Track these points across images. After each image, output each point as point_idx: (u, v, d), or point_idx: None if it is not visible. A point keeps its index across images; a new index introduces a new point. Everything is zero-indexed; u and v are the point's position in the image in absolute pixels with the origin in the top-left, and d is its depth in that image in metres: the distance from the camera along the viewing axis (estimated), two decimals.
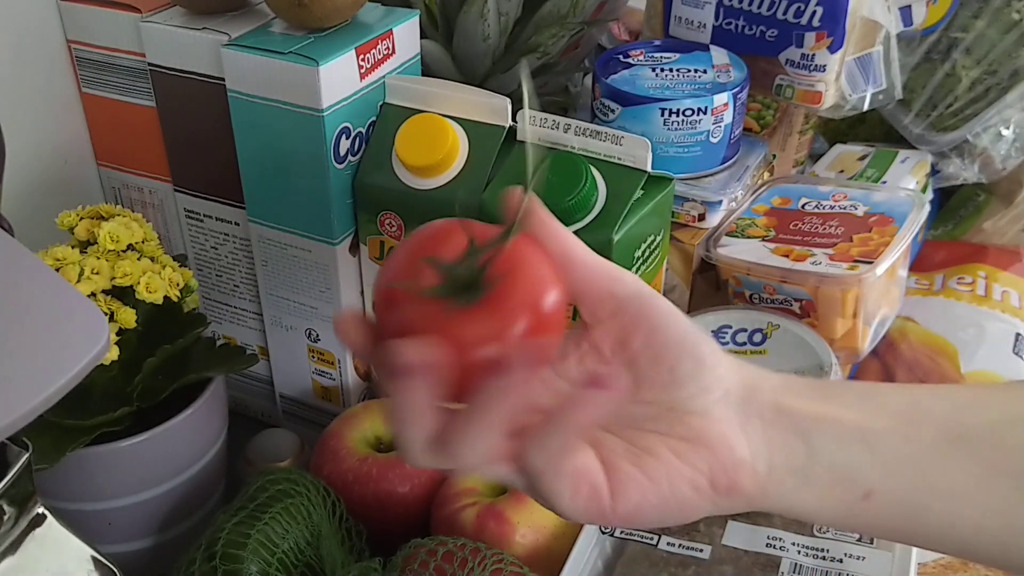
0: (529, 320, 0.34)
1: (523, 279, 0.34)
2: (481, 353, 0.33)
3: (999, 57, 0.78)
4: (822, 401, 0.38)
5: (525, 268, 0.35)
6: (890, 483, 0.36)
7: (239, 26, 0.58)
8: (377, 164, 0.60)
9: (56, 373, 0.35)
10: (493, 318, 0.34)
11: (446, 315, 0.34)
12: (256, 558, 0.51)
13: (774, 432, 0.37)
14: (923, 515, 0.37)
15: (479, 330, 0.33)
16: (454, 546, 0.52)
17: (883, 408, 0.38)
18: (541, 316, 0.34)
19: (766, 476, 0.36)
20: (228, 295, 0.68)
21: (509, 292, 0.34)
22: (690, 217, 0.69)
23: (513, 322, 0.34)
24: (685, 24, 0.77)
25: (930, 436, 0.37)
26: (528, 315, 0.34)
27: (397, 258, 0.36)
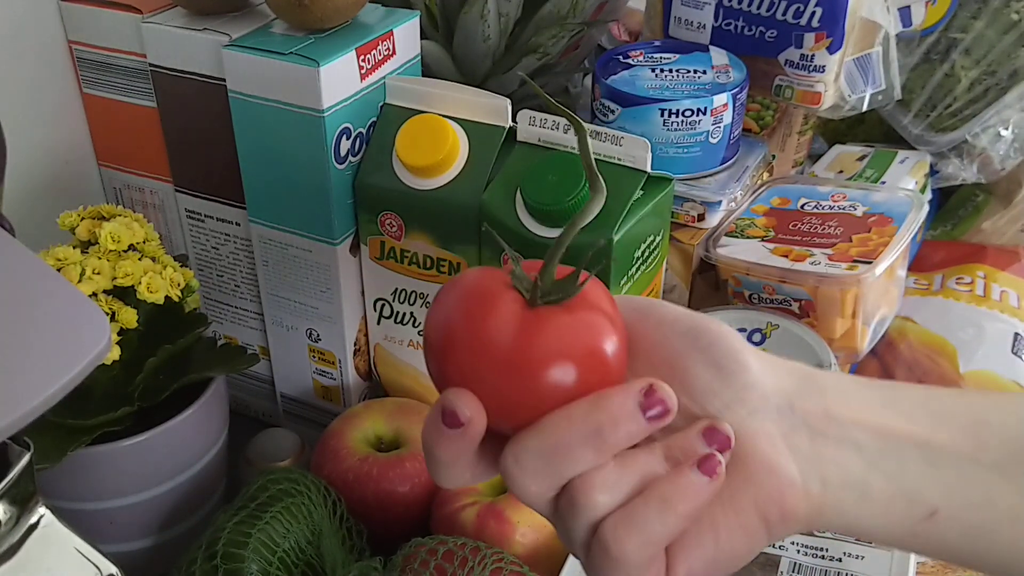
0: (613, 343, 0.32)
1: (597, 292, 0.33)
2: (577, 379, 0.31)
3: (998, 57, 0.78)
4: (879, 408, 0.34)
5: (595, 286, 0.33)
6: (955, 503, 0.33)
7: (240, 27, 0.58)
8: (377, 164, 0.60)
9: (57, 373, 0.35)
10: (581, 327, 0.32)
11: (529, 322, 0.31)
12: (257, 557, 0.51)
13: (824, 444, 0.33)
14: (990, 538, 0.34)
15: (567, 339, 0.31)
16: (454, 545, 0.52)
17: (945, 421, 0.34)
18: (623, 328, 0.33)
19: (820, 494, 0.33)
20: (229, 295, 0.68)
21: (591, 298, 0.32)
22: (690, 217, 0.69)
23: (601, 335, 0.32)
24: (685, 25, 0.77)
25: (995, 451, 0.34)
26: (613, 336, 0.32)
27: (451, 298, 0.33)
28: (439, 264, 0.61)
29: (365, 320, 0.66)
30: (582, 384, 0.32)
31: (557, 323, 0.31)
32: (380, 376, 0.68)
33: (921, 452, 0.33)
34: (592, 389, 0.32)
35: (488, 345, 0.31)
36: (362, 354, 0.67)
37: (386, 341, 0.66)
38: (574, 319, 0.32)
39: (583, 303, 0.32)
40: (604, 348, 0.32)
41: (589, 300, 0.33)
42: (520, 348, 0.31)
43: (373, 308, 0.65)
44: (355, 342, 0.66)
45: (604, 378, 0.32)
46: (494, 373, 0.31)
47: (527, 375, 0.31)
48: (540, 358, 0.31)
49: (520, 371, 0.31)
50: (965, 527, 0.34)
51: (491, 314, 0.31)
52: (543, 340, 0.31)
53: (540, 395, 0.31)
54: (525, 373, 0.31)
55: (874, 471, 0.33)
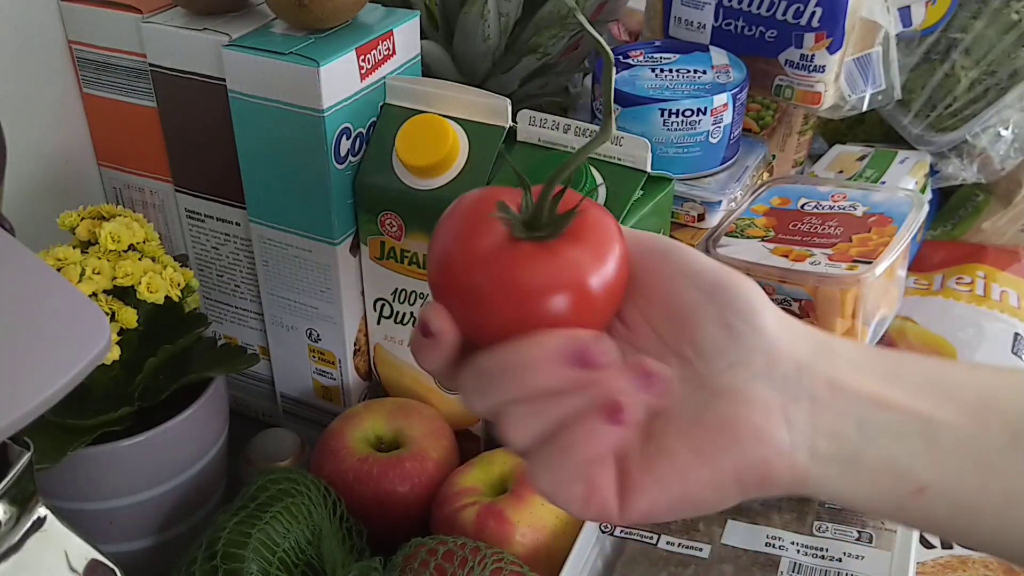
0: (604, 270, 0.33)
1: (598, 230, 0.33)
2: (552, 309, 0.32)
3: (998, 57, 0.78)
4: (887, 382, 0.34)
5: (599, 224, 0.34)
6: (945, 481, 0.33)
7: (240, 27, 0.58)
8: (377, 164, 0.60)
9: (57, 373, 0.35)
10: (573, 257, 0.32)
11: (518, 253, 0.33)
12: (257, 557, 0.51)
13: (824, 415, 0.33)
14: (976, 516, 0.34)
15: (554, 269, 0.32)
16: (454, 545, 0.52)
17: (951, 398, 0.34)
18: (612, 271, 0.33)
19: (807, 465, 0.33)
20: (229, 295, 0.68)
21: (588, 236, 0.33)
22: (690, 217, 0.69)
23: (590, 267, 0.32)
24: (685, 25, 0.77)
25: (996, 433, 0.33)
26: (602, 264, 0.33)
27: (453, 220, 0.35)
28: None
29: (365, 320, 0.66)
30: (559, 316, 0.32)
31: (529, 260, 0.32)
32: (380, 376, 0.68)
33: (921, 429, 0.33)
34: (558, 323, 0.32)
35: (460, 273, 0.33)
36: (362, 354, 0.67)
37: (386, 341, 0.66)
38: (553, 259, 0.32)
39: (575, 238, 0.33)
40: (571, 291, 0.32)
41: (583, 235, 0.33)
42: (488, 280, 0.32)
43: (373, 308, 0.65)
44: (355, 342, 0.66)
45: (574, 316, 0.33)
46: (464, 300, 0.33)
47: (492, 307, 0.33)
48: (504, 292, 0.32)
49: (484, 303, 0.33)
50: (954, 505, 0.33)
51: (473, 244, 0.33)
52: (517, 275, 0.32)
53: (502, 324, 0.33)
54: (489, 305, 0.33)
55: (869, 445, 0.33)
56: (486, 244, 0.33)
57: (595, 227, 0.34)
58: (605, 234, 0.34)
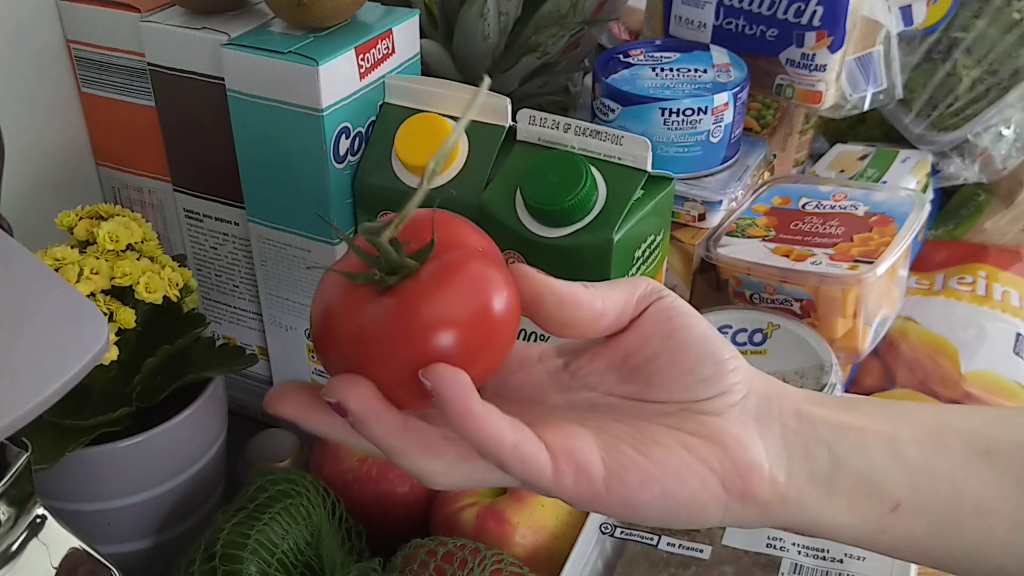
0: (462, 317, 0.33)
1: (457, 272, 0.33)
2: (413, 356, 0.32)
3: (1000, 57, 0.78)
4: (846, 411, 0.36)
5: (463, 262, 0.34)
6: (919, 496, 0.35)
7: (239, 26, 0.58)
8: (377, 164, 0.60)
9: (56, 373, 0.35)
10: (420, 307, 0.33)
11: (374, 306, 0.34)
12: (256, 558, 0.51)
13: (795, 438, 0.35)
14: (954, 531, 0.35)
15: (409, 322, 0.32)
16: (454, 546, 0.51)
17: (909, 421, 0.36)
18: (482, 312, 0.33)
19: (785, 484, 0.35)
20: (228, 295, 0.68)
21: (440, 279, 0.33)
22: (690, 217, 0.69)
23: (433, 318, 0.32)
24: (685, 24, 0.77)
25: (959, 450, 0.35)
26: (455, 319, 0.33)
27: (316, 296, 0.36)
28: None
29: None
30: (469, 345, 0.32)
31: (400, 308, 0.33)
32: None
33: (887, 445, 0.35)
34: (457, 355, 0.32)
35: (344, 340, 0.34)
36: None
37: None
38: (414, 301, 0.33)
39: (438, 269, 0.33)
40: (482, 313, 0.33)
41: (444, 262, 0.34)
42: (365, 338, 0.33)
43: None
44: None
45: (489, 329, 0.33)
46: (357, 365, 0.33)
47: (376, 366, 0.33)
48: (386, 346, 0.33)
49: (368, 362, 0.33)
50: (932, 520, 0.35)
51: (339, 311, 0.35)
52: (388, 326, 0.33)
53: (399, 379, 0.33)
54: (374, 364, 0.33)
55: (840, 466, 0.35)
56: (351, 314, 0.34)
57: (455, 240, 0.34)
58: (464, 243, 0.34)
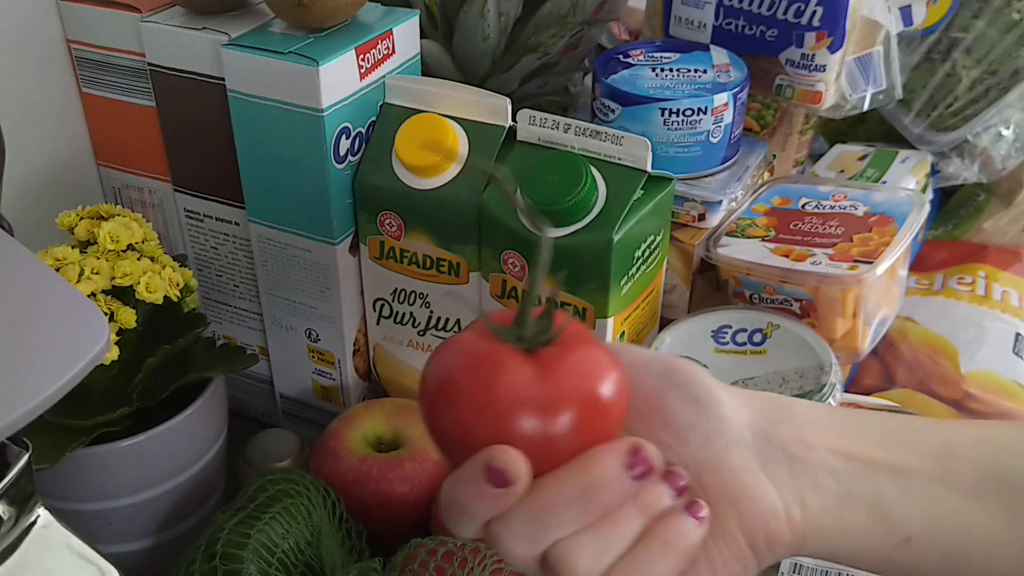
0: (618, 375, 0.32)
1: (588, 353, 0.32)
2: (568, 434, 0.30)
3: (999, 57, 0.78)
4: (852, 437, 0.35)
5: (588, 346, 0.33)
6: (928, 528, 0.34)
7: (239, 26, 0.58)
8: (377, 164, 0.60)
9: (56, 373, 0.35)
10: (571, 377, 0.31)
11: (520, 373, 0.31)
12: (256, 558, 0.51)
13: (801, 469, 0.34)
14: (963, 562, 0.35)
15: (560, 387, 0.31)
16: (454, 546, 0.52)
17: (915, 448, 0.35)
18: (613, 390, 0.32)
19: (802, 520, 0.34)
20: (228, 295, 0.68)
21: (585, 344, 0.32)
22: (690, 217, 0.69)
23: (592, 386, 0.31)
24: (685, 24, 0.77)
25: (968, 480, 0.35)
26: (616, 363, 0.32)
27: (443, 359, 0.33)
28: (439, 264, 0.61)
29: (364, 320, 0.66)
30: (607, 413, 0.32)
31: (566, 362, 0.31)
32: (379, 376, 0.68)
33: (894, 479, 0.34)
34: (615, 416, 0.32)
35: (511, 399, 0.31)
36: (361, 354, 0.67)
37: (385, 341, 0.66)
38: (579, 354, 0.32)
39: (572, 337, 0.32)
40: (617, 372, 0.32)
41: (575, 333, 0.33)
42: (546, 394, 0.31)
43: (372, 308, 0.65)
44: (354, 342, 0.66)
45: (623, 401, 0.32)
46: (523, 426, 0.30)
47: (558, 420, 0.31)
48: (569, 399, 0.31)
49: (550, 416, 0.31)
50: (941, 553, 0.35)
51: (502, 373, 0.31)
52: (565, 379, 0.31)
53: (574, 436, 0.31)
54: (555, 418, 0.31)
55: (850, 497, 0.34)
56: (515, 367, 0.31)
57: (575, 323, 0.33)
58: (581, 325, 0.34)
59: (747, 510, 0.33)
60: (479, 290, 0.61)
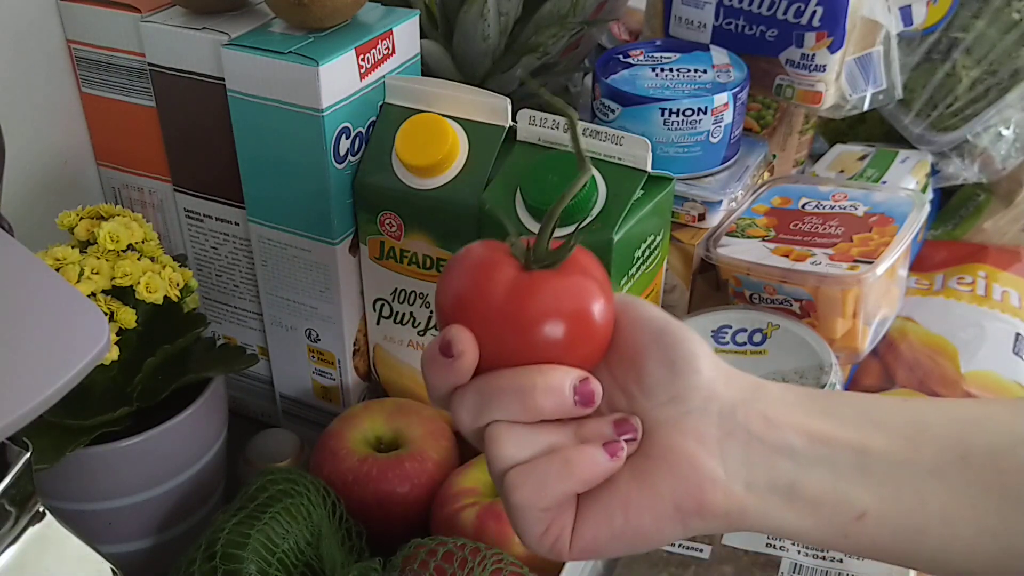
0: (607, 300, 0.36)
1: (595, 264, 0.37)
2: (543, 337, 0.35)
3: (999, 57, 0.78)
4: (819, 416, 0.36)
5: (589, 269, 0.37)
6: (884, 506, 0.35)
7: (239, 26, 0.58)
8: (377, 164, 0.60)
9: (56, 373, 0.35)
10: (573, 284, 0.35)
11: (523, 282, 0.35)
12: (256, 558, 0.51)
13: (756, 448, 0.35)
14: (918, 537, 0.35)
15: (556, 296, 0.35)
16: (454, 546, 0.51)
17: (883, 426, 0.36)
18: (606, 304, 0.36)
19: (743, 494, 0.35)
20: (228, 295, 0.68)
21: (591, 269, 0.36)
22: (690, 217, 0.69)
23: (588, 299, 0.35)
24: (685, 24, 0.77)
25: (931, 456, 0.35)
26: (600, 298, 0.36)
27: (466, 260, 0.38)
28: (439, 264, 0.61)
29: (364, 320, 0.66)
30: (569, 340, 0.35)
31: (548, 284, 0.35)
32: (379, 376, 0.68)
33: (855, 458, 0.35)
34: (578, 345, 0.35)
35: (487, 301, 0.35)
36: (361, 354, 0.67)
37: (385, 341, 0.66)
38: (565, 282, 0.36)
39: (575, 269, 0.36)
40: (591, 308, 0.36)
41: (580, 266, 0.36)
42: (514, 304, 0.35)
43: (372, 308, 0.65)
44: (354, 342, 0.66)
45: (589, 335, 0.36)
46: (491, 325, 0.35)
47: (518, 329, 0.35)
48: (531, 314, 0.35)
49: (512, 325, 0.35)
50: (896, 528, 0.35)
51: (491, 275, 0.36)
52: (535, 298, 0.35)
53: (530, 346, 0.35)
54: (516, 327, 0.35)
55: (804, 476, 0.35)
56: (504, 280, 0.36)
57: (585, 259, 0.37)
58: (595, 263, 0.37)
59: (684, 475, 0.35)
60: None
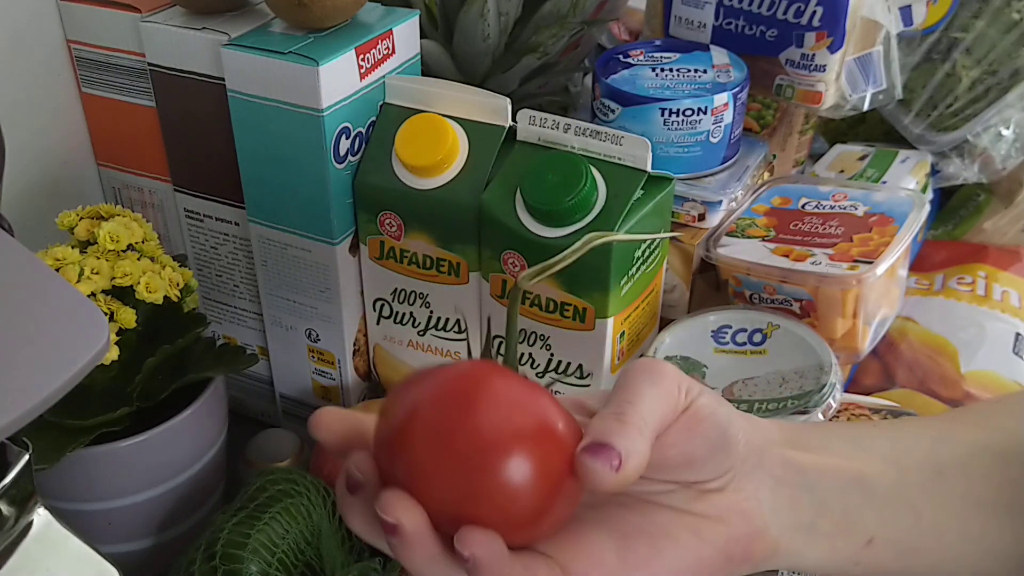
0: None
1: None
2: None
3: (999, 57, 0.78)
4: (822, 451, 0.38)
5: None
6: (887, 529, 0.38)
7: (239, 26, 0.58)
8: (377, 164, 0.60)
9: (56, 373, 0.35)
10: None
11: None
12: (256, 558, 0.51)
13: (784, 491, 0.37)
14: (915, 554, 0.38)
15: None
16: None
17: (872, 453, 0.39)
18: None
19: (777, 538, 0.37)
20: (228, 295, 0.68)
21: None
22: (690, 217, 0.69)
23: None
24: (685, 24, 0.77)
25: (915, 475, 0.38)
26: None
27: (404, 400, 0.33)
28: (439, 264, 0.61)
29: (364, 320, 0.66)
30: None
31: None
32: (379, 376, 0.68)
33: (859, 486, 0.38)
34: None
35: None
36: (361, 354, 0.67)
37: (385, 341, 0.66)
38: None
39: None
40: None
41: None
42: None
43: (372, 308, 0.65)
44: (354, 342, 0.66)
45: None
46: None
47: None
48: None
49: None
50: (898, 548, 0.38)
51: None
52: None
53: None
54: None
55: (822, 512, 0.37)
56: None
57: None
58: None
59: (739, 529, 0.36)
60: (479, 290, 0.61)
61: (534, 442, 0.32)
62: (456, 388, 0.32)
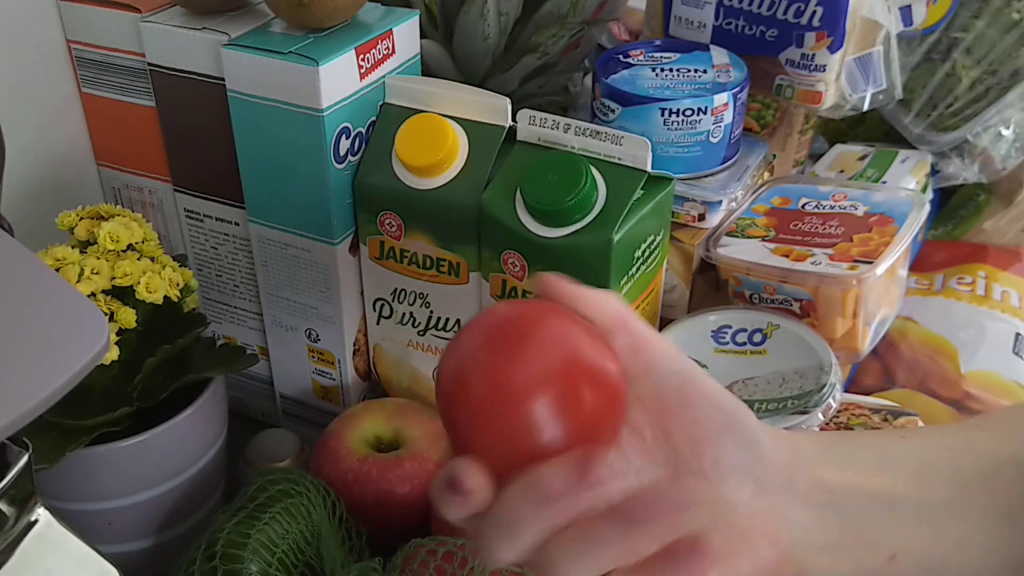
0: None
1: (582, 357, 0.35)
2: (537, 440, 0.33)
3: (999, 57, 0.78)
4: (849, 469, 0.38)
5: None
6: (911, 544, 0.38)
7: (239, 26, 0.58)
8: (377, 164, 0.60)
9: (56, 373, 0.35)
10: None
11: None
12: (256, 558, 0.51)
13: (811, 511, 0.37)
14: (938, 567, 0.38)
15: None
16: (454, 546, 0.51)
17: (899, 469, 0.39)
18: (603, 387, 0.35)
19: (802, 559, 0.37)
20: (228, 295, 0.68)
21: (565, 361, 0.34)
22: (690, 217, 0.69)
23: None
24: (685, 24, 0.77)
25: (941, 491, 0.39)
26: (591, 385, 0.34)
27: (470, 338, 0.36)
28: (439, 264, 0.61)
29: (364, 320, 0.66)
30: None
31: None
32: (379, 376, 0.68)
33: (885, 504, 0.38)
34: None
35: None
36: (361, 354, 0.67)
37: (385, 341, 0.66)
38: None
39: None
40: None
41: None
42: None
43: (372, 308, 0.65)
44: (354, 342, 0.66)
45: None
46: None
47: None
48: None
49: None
50: (920, 562, 0.38)
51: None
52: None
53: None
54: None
55: (848, 530, 0.37)
56: None
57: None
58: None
59: (762, 553, 0.36)
60: (479, 290, 0.61)
61: (580, 377, 0.34)
62: (502, 333, 0.35)
